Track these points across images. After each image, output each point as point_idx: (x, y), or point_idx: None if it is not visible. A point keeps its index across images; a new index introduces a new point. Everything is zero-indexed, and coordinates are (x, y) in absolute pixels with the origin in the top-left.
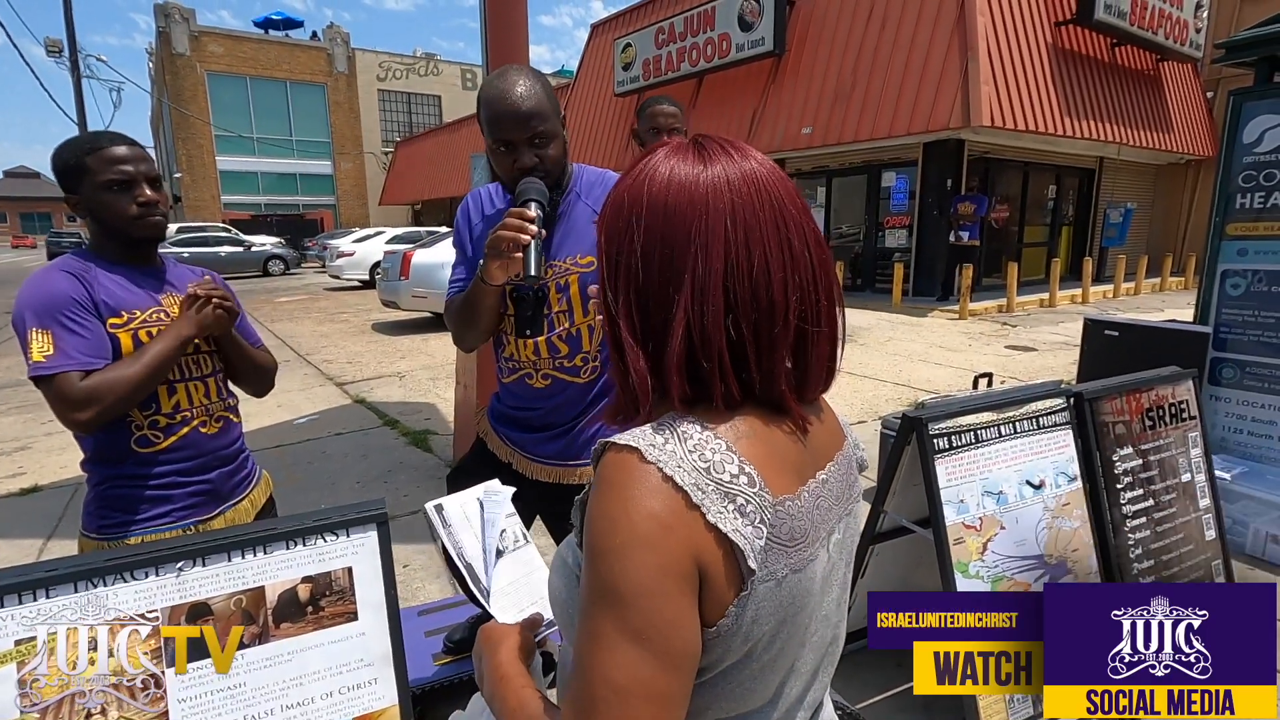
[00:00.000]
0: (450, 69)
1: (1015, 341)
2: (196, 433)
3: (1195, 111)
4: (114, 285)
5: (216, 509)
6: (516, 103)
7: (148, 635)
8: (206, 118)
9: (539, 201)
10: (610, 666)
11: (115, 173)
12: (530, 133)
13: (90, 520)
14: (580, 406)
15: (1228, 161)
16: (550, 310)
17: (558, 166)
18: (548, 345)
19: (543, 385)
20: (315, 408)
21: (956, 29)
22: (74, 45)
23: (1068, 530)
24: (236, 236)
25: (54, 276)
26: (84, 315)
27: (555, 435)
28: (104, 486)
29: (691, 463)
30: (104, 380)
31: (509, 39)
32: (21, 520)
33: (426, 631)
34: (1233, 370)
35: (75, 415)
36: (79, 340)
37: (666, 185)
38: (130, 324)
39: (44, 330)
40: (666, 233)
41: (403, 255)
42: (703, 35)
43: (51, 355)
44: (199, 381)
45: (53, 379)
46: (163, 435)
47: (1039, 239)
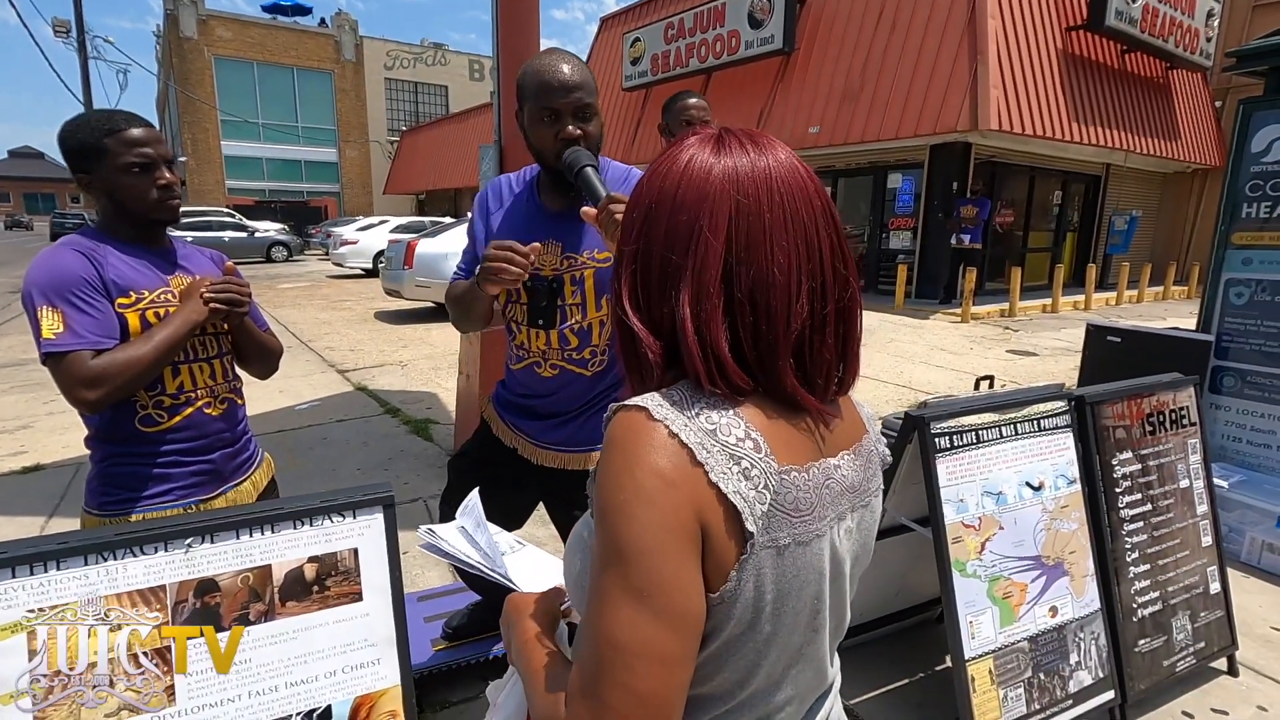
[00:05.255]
0: (458, 59)
1: (1017, 346)
2: (201, 413)
3: (1203, 120)
4: (123, 265)
5: (218, 489)
6: (566, 73)
7: (157, 609)
8: (212, 102)
9: (593, 166)
10: (613, 625)
11: (137, 155)
12: (576, 103)
13: (93, 497)
14: (586, 397)
15: (1235, 170)
16: (564, 302)
17: (595, 145)
18: (559, 337)
19: (550, 375)
20: (317, 394)
21: (967, 32)
22: (81, 26)
23: (1065, 532)
24: (241, 222)
25: (64, 254)
26: (94, 294)
27: (562, 422)
28: (107, 464)
29: (698, 424)
30: (114, 360)
31: (520, 31)
32: (23, 498)
33: (425, 617)
34: (1233, 379)
35: (84, 394)
36: (89, 319)
37: (679, 179)
38: (138, 304)
39: (54, 308)
40: (671, 228)
41: (407, 244)
42: (712, 31)
43: (61, 333)
44: (205, 363)
45: (63, 357)
46: (167, 415)
47: (1043, 244)
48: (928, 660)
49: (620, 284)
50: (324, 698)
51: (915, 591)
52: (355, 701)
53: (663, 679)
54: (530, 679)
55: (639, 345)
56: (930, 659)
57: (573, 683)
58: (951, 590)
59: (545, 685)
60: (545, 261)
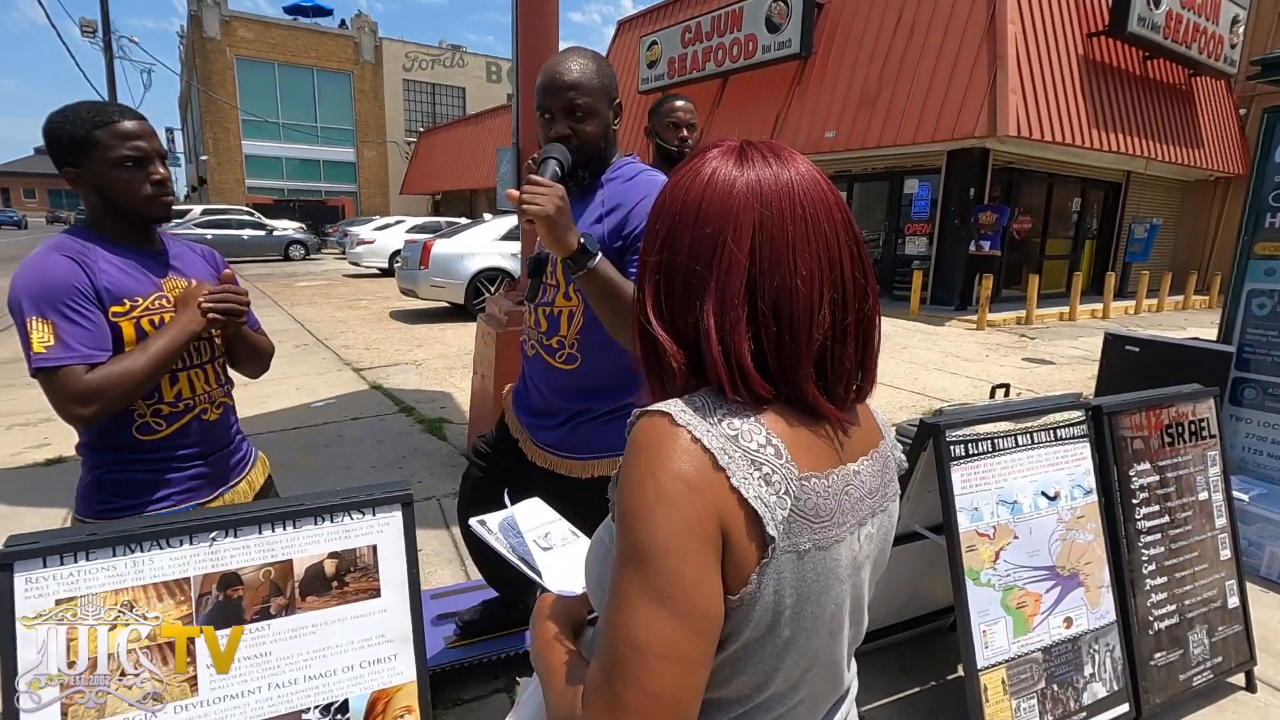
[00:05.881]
0: (476, 61)
1: (1033, 354)
2: (199, 420)
3: (1227, 128)
4: (115, 270)
5: (216, 491)
6: (561, 73)
7: (180, 603)
8: (234, 102)
9: (558, 161)
10: (633, 625)
11: (129, 149)
12: (566, 102)
13: (87, 504)
14: (563, 396)
15: (1259, 179)
16: (545, 280)
17: (592, 144)
18: (534, 318)
19: (530, 354)
20: (333, 392)
21: (986, 37)
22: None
23: (1081, 543)
24: (259, 220)
25: (53, 261)
26: (85, 304)
27: (553, 425)
28: (102, 471)
29: (721, 430)
30: (108, 375)
31: (540, 33)
32: (47, 490)
33: (438, 615)
34: (1255, 391)
35: (77, 410)
36: (81, 331)
37: (703, 192)
38: (133, 312)
39: (44, 319)
40: (695, 240)
41: (423, 245)
42: (729, 35)
43: (52, 346)
44: (199, 369)
45: (54, 372)
46: (165, 423)
47: (1061, 252)
48: (940, 669)
49: (644, 293)
50: (342, 692)
51: (928, 599)
52: (372, 696)
53: (680, 680)
54: (548, 678)
55: (661, 353)
56: (942, 667)
57: (590, 681)
58: (965, 599)
59: (562, 683)
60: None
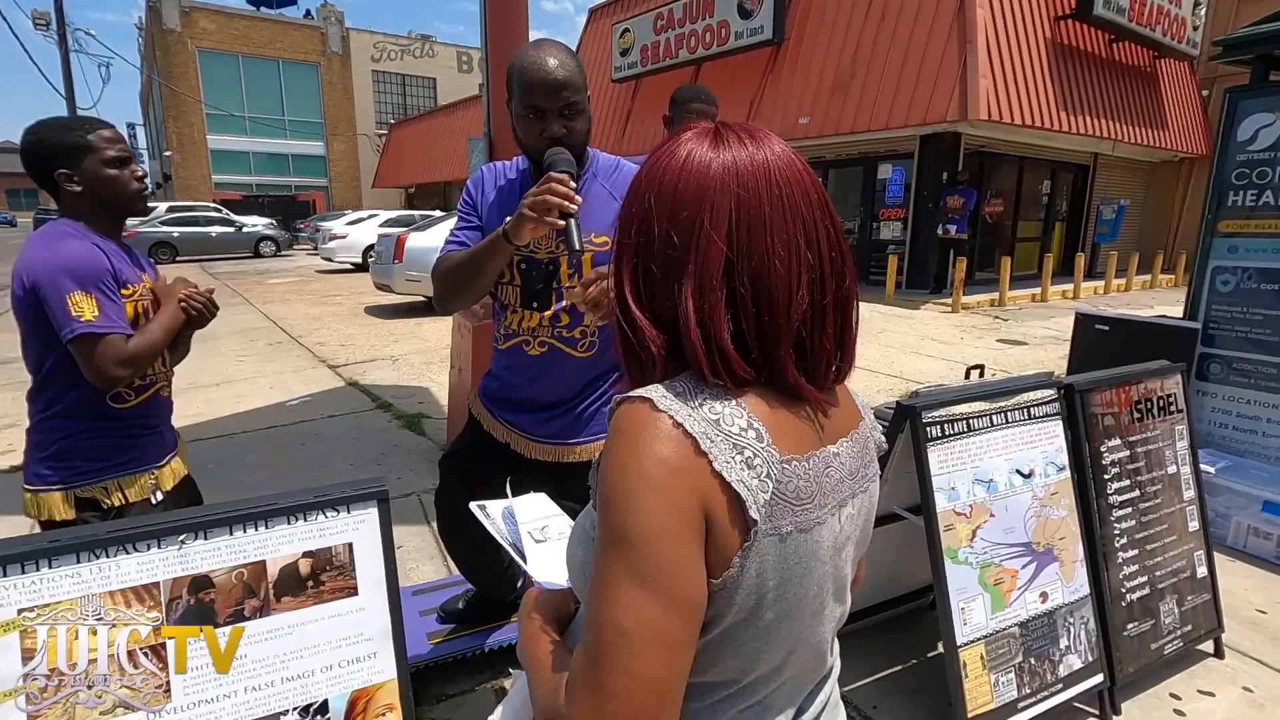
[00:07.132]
0: (446, 51)
1: (1007, 335)
2: (158, 394)
3: (1190, 109)
4: (115, 258)
5: (165, 457)
6: (552, 71)
7: (151, 606)
8: (197, 95)
9: (569, 172)
10: (617, 610)
11: (117, 149)
12: (561, 102)
13: (55, 473)
14: (576, 385)
15: (1222, 159)
16: (559, 285)
17: (581, 142)
18: (545, 316)
19: (538, 353)
20: (308, 390)
21: (956, 21)
22: (62, 18)
23: (1055, 518)
24: (228, 217)
25: (77, 245)
26: (114, 285)
27: (556, 415)
28: (74, 439)
29: (702, 415)
30: (141, 344)
31: (509, 23)
32: (12, 497)
33: (420, 611)
34: (1220, 366)
35: (119, 372)
36: (117, 308)
37: (679, 174)
38: (133, 296)
39: (87, 294)
40: (673, 223)
41: (397, 238)
42: (702, 22)
43: (99, 317)
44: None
45: (101, 338)
46: (134, 394)
47: (1032, 234)
48: (920, 647)
49: (622, 278)
50: (320, 692)
51: (908, 579)
52: (352, 696)
53: (665, 663)
54: (533, 668)
55: (641, 338)
56: (923, 645)
57: (574, 667)
58: (943, 577)
59: (548, 673)
60: (540, 245)
